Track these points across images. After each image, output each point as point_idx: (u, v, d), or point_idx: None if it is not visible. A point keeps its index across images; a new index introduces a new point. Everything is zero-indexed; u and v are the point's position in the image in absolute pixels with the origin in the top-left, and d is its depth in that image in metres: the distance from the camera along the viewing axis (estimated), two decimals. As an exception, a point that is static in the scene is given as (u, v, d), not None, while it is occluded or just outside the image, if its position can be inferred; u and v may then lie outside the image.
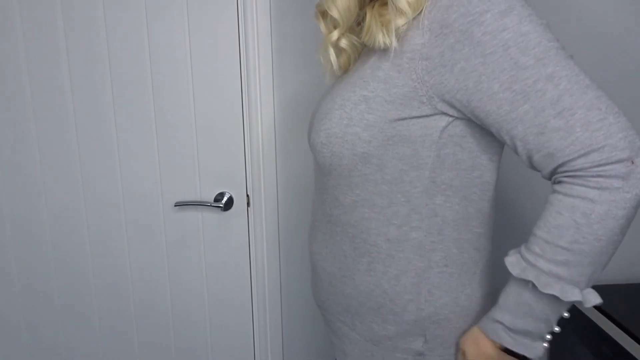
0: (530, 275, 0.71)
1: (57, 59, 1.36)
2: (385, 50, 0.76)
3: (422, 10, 0.72)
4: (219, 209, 1.44)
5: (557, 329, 0.74)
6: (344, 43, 0.87)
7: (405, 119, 0.75)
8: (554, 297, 0.70)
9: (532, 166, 0.73)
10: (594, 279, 0.71)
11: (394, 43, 0.74)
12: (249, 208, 1.46)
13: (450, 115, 0.74)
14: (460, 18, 0.68)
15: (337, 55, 0.89)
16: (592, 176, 0.66)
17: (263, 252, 1.46)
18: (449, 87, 0.71)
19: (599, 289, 0.74)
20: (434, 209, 0.79)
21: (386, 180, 0.79)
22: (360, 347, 0.87)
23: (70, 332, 1.54)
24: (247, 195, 1.45)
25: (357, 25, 0.89)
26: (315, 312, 1.50)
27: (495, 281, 0.89)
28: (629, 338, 1.20)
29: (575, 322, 1.38)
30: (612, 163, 0.65)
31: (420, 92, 0.73)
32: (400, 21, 0.73)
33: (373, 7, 0.79)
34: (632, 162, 0.65)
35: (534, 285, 0.71)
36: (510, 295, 0.74)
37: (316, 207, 0.92)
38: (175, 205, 1.44)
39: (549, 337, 0.75)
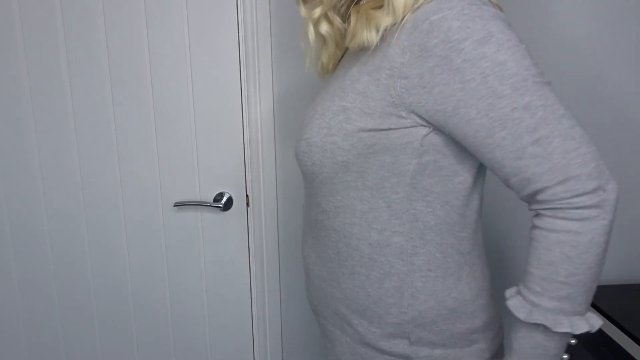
0: (539, 318, 0.72)
1: (56, 59, 1.36)
2: (369, 59, 0.76)
3: (402, 25, 0.72)
4: (219, 209, 1.44)
5: (565, 356, 0.77)
6: (324, 28, 0.85)
7: (383, 130, 0.75)
8: (565, 332, 0.73)
9: (509, 186, 0.75)
10: (589, 303, 0.74)
11: (376, 40, 0.74)
12: (248, 208, 1.46)
13: (430, 126, 0.75)
14: (440, 44, 0.69)
15: (320, 46, 0.88)
16: (572, 208, 0.69)
17: (262, 252, 1.46)
18: (427, 107, 0.72)
19: (598, 288, 0.75)
20: (415, 214, 0.79)
21: (367, 186, 0.79)
22: (350, 350, 0.87)
23: (70, 332, 1.54)
24: (247, 196, 1.45)
25: (337, 12, 0.85)
26: (315, 312, 1.51)
27: (494, 282, 0.89)
28: (628, 338, 1.21)
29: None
30: (588, 193, 0.68)
31: (400, 107, 0.73)
32: (388, 20, 0.73)
33: (359, 10, 0.78)
34: (604, 191, 0.69)
35: (545, 327, 0.72)
36: (524, 340, 0.75)
37: (305, 212, 0.93)
38: (174, 206, 1.44)
39: None
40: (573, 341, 0.76)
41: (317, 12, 0.84)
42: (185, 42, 1.36)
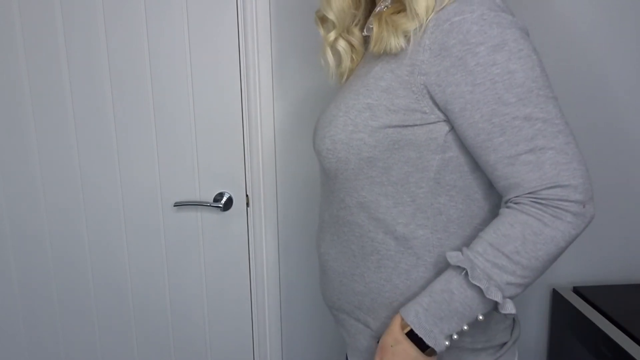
0: (463, 263, 0.75)
1: (56, 59, 1.36)
2: (392, 57, 0.79)
3: (425, 27, 0.76)
4: (219, 209, 1.44)
5: (465, 327, 0.77)
6: (341, 46, 0.92)
7: (409, 126, 0.78)
8: (476, 294, 0.75)
9: (497, 189, 0.79)
10: (516, 294, 0.75)
11: (404, 45, 0.77)
12: (248, 208, 1.46)
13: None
14: (458, 45, 0.72)
15: (338, 60, 0.94)
16: (552, 206, 0.72)
17: (262, 252, 1.46)
18: (441, 105, 0.77)
19: (598, 288, 0.76)
20: (439, 208, 0.82)
21: (392, 181, 0.82)
22: (377, 339, 0.88)
23: (69, 332, 1.54)
24: (247, 196, 1.45)
25: (354, 26, 0.93)
26: (315, 312, 1.50)
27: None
28: (628, 338, 1.21)
29: (574, 322, 1.38)
30: (570, 201, 0.72)
31: (422, 103, 0.77)
32: (413, 25, 0.76)
33: (381, 16, 0.81)
34: (584, 206, 0.73)
35: (466, 274, 0.75)
36: (439, 282, 0.78)
37: (323, 210, 0.94)
38: (174, 205, 1.44)
39: (455, 336, 0.77)
40: (481, 317, 0.76)
41: (332, 35, 0.92)
42: (185, 42, 1.36)
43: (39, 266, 1.49)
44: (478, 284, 0.74)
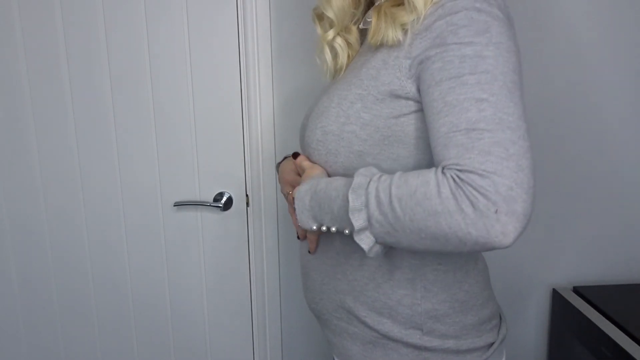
0: (357, 180, 0.73)
1: (56, 59, 1.36)
2: (387, 48, 0.78)
3: (423, 19, 0.74)
4: (219, 209, 1.44)
5: (334, 229, 0.78)
6: (338, 43, 0.90)
7: (397, 117, 0.77)
8: (346, 207, 0.73)
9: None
10: (382, 239, 0.71)
11: (401, 38, 0.76)
12: (248, 208, 1.46)
13: None
14: (443, 25, 0.71)
15: (333, 56, 0.92)
16: (460, 186, 0.64)
17: (262, 252, 1.46)
18: (417, 85, 0.75)
19: (598, 288, 0.75)
20: None
21: None
22: (361, 340, 0.88)
23: (69, 332, 1.54)
24: (247, 195, 1.45)
25: (353, 24, 0.92)
26: (315, 312, 1.50)
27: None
28: (628, 338, 1.20)
29: (574, 323, 1.38)
30: (480, 193, 0.63)
31: (407, 88, 0.75)
32: (411, 17, 0.75)
33: (380, 8, 0.80)
34: (495, 212, 0.62)
35: (351, 186, 0.73)
36: (341, 180, 0.78)
37: None
38: (174, 205, 1.44)
39: (323, 228, 0.79)
40: (347, 232, 0.76)
41: (330, 34, 0.90)
42: (185, 42, 1.36)
43: (39, 266, 1.49)
44: (350, 201, 0.71)
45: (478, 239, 0.64)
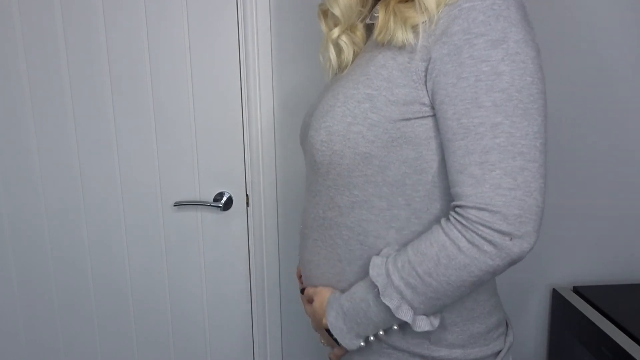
0: (380, 282, 0.75)
1: (56, 59, 1.36)
2: (399, 48, 0.76)
3: (437, 20, 0.72)
4: (218, 208, 1.44)
5: (381, 332, 0.80)
6: (344, 41, 0.88)
7: (409, 119, 0.75)
8: (384, 310, 0.76)
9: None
10: (433, 311, 0.75)
11: (412, 40, 0.74)
12: (248, 208, 1.46)
13: None
14: (460, 32, 0.69)
15: (338, 53, 0.89)
16: (472, 229, 0.69)
17: (262, 252, 1.46)
18: (430, 95, 0.74)
19: (598, 288, 0.75)
20: (435, 214, 0.78)
21: (387, 182, 0.78)
22: (366, 349, 0.85)
23: (69, 332, 1.54)
24: (247, 195, 1.45)
25: (360, 22, 0.89)
26: (315, 312, 1.50)
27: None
28: (628, 338, 1.20)
29: (574, 323, 1.38)
30: (493, 229, 0.68)
31: (421, 92, 0.73)
32: (422, 18, 0.73)
33: (388, 4, 0.78)
34: (510, 239, 0.68)
35: (379, 291, 0.75)
36: (361, 290, 0.79)
37: (307, 213, 0.90)
38: (174, 205, 1.44)
39: (371, 338, 0.81)
40: (395, 327, 0.79)
41: (336, 32, 0.88)
42: (185, 42, 1.36)
43: (39, 266, 1.49)
44: (388, 304, 0.74)
45: (505, 265, 0.70)
